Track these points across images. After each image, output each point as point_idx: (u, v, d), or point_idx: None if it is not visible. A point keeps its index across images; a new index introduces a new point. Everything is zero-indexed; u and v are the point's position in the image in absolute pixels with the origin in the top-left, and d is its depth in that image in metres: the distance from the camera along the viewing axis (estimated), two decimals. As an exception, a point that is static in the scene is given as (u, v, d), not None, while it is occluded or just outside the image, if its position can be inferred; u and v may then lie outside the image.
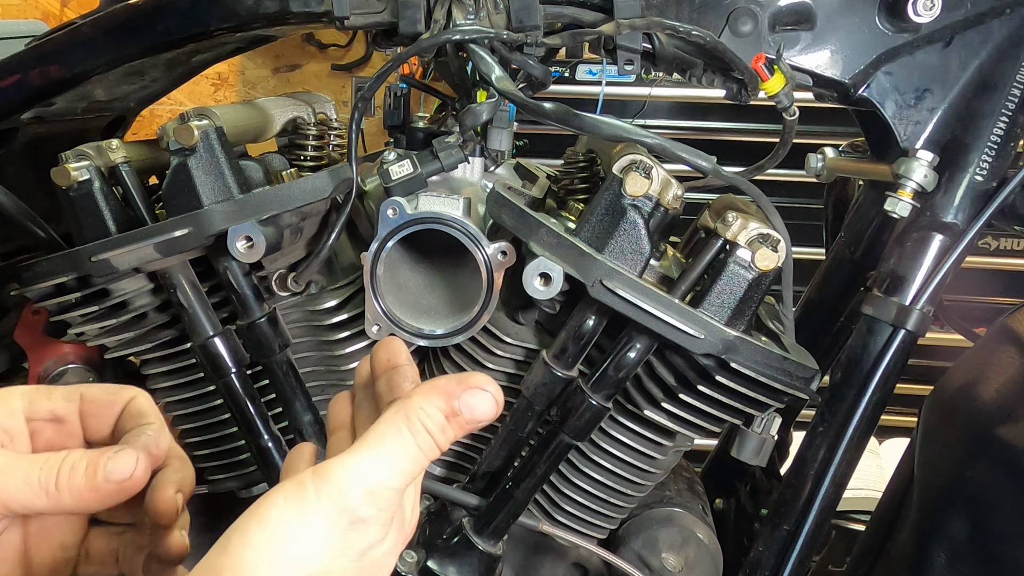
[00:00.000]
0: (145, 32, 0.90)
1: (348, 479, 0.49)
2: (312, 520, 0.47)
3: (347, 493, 0.48)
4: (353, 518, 0.48)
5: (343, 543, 0.48)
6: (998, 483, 0.82)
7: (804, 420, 1.02)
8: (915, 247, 0.88)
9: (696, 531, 1.01)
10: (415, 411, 0.51)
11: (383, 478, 0.49)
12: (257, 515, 0.47)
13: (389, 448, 0.50)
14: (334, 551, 0.48)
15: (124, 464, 0.55)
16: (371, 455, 0.50)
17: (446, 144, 0.88)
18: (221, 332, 0.88)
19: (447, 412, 0.52)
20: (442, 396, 0.52)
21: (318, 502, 0.48)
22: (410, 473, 0.51)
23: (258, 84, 3.26)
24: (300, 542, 0.47)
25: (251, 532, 0.47)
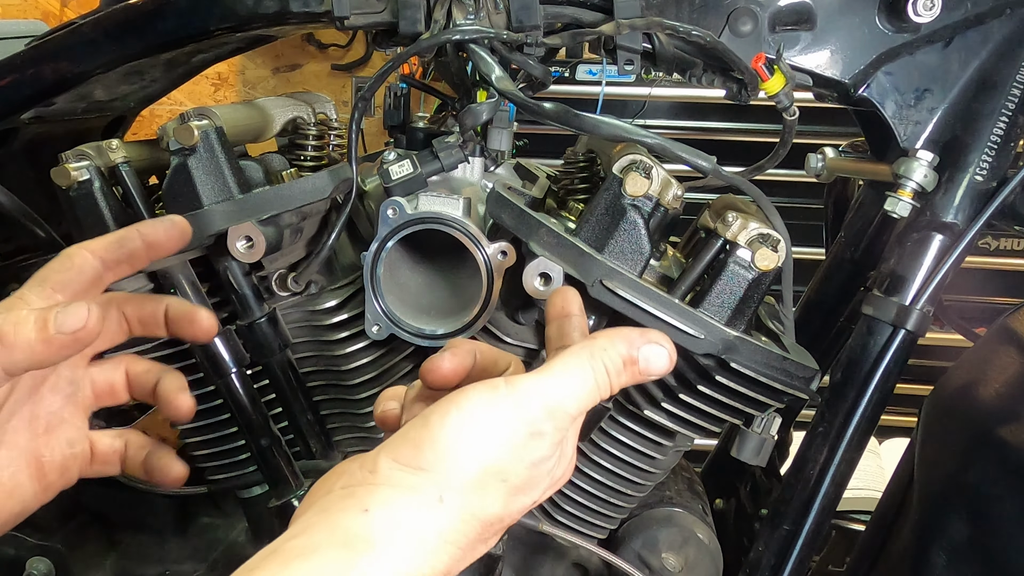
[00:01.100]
0: (145, 32, 0.90)
1: (535, 394, 0.54)
2: (500, 420, 0.53)
3: (531, 406, 0.54)
4: (533, 429, 0.54)
5: (521, 448, 0.54)
6: (998, 483, 0.82)
7: (804, 420, 1.02)
8: (915, 247, 0.88)
9: (696, 531, 1.01)
10: (599, 350, 0.56)
11: (563, 401, 0.55)
12: (456, 402, 0.54)
13: (571, 377, 0.55)
14: (512, 452, 0.53)
15: (75, 315, 0.59)
16: (556, 379, 0.55)
17: (446, 144, 0.88)
18: (221, 332, 0.88)
19: (627, 358, 0.57)
20: (625, 342, 0.57)
21: (507, 406, 0.53)
22: (585, 403, 0.56)
23: (258, 84, 3.26)
24: (487, 434, 0.53)
25: (450, 415, 0.53)
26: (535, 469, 0.55)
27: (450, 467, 0.52)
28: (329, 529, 0.49)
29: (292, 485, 0.91)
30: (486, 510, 0.53)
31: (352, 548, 0.48)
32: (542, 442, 0.54)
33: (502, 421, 0.53)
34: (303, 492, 0.91)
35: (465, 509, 0.52)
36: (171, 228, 0.69)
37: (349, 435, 1.01)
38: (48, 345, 0.58)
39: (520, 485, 0.54)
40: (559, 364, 0.56)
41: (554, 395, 0.55)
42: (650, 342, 0.58)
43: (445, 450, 0.52)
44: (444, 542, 0.51)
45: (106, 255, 0.66)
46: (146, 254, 0.68)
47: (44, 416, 0.67)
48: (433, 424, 0.53)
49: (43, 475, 0.67)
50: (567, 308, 0.65)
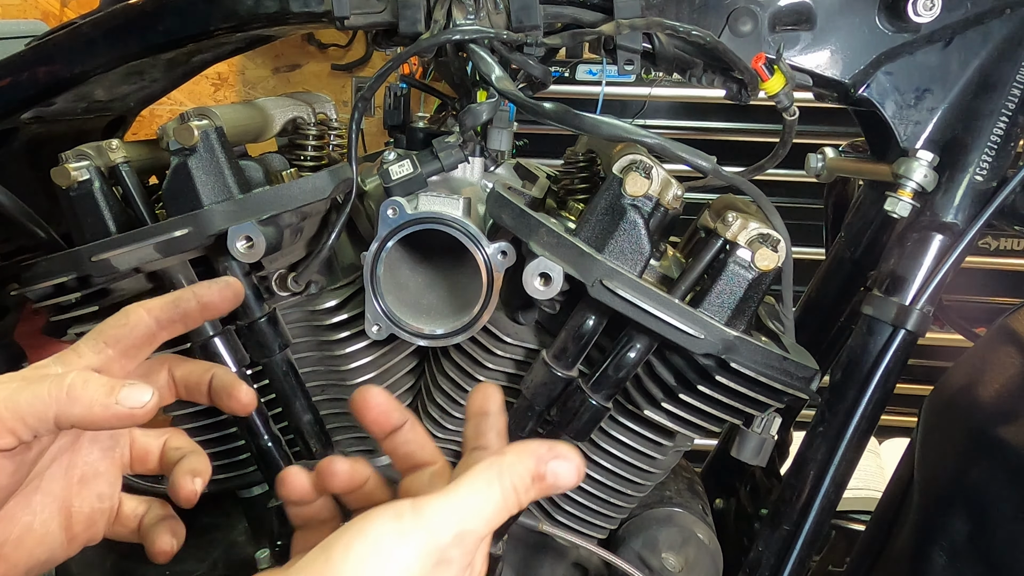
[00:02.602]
0: (145, 32, 0.90)
1: (443, 519, 0.52)
2: (406, 548, 0.51)
3: (440, 532, 0.52)
4: (441, 556, 0.52)
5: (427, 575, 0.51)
6: (998, 483, 0.82)
7: (804, 420, 1.02)
8: (915, 247, 0.88)
9: (696, 531, 1.01)
10: (507, 467, 0.55)
11: (472, 525, 0.53)
12: (359, 529, 0.51)
13: (480, 498, 0.54)
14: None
15: (140, 396, 0.61)
16: (464, 501, 0.53)
17: (446, 144, 0.88)
18: (221, 332, 0.88)
19: (534, 475, 0.56)
20: (533, 458, 0.56)
21: (414, 533, 0.51)
22: (494, 524, 0.54)
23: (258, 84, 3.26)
24: (392, 564, 0.50)
25: (353, 544, 0.51)
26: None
27: None
28: None
29: (292, 485, 0.91)
30: None
31: None
32: (449, 568, 0.53)
33: (408, 550, 0.51)
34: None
35: None
36: (225, 289, 0.71)
37: (349, 435, 1.01)
38: (106, 411, 0.60)
39: None
40: (467, 484, 0.54)
41: (463, 520, 0.53)
42: (557, 457, 0.56)
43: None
44: None
45: (162, 315, 0.68)
46: (200, 315, 0.70)
47: (80, 466, 0.69)
48: (335, 558, 0.51)
49: (71, 525, 0.68)
50: (485, 406, 0.65)
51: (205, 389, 0.72)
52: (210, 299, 0.70)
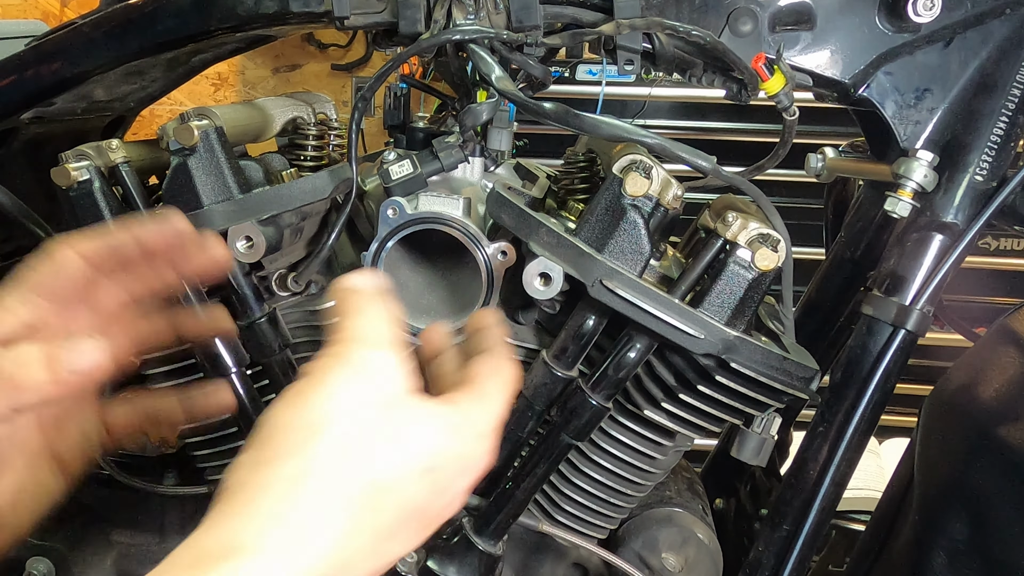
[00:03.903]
0: (145, 32, 0.90)
1: (341, 345, 0.54)
2: (324, 386, 0.51)
3: (346, 353, 0.53)
4: (360, 369, 0.52)
5: (361, 396, 0.51)
6: (998, 483, 0.82)
7: (804, 420, 1.02)
8: (915, 247, 0.88)
9: (696, 531, 1.01)
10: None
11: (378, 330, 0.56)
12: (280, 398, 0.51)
13: (356, 319, 0.57)
14: (354, 405, 0.50)
15: (86, 355, 0.57)
16: (346, 327, 0.56)
17: (446, 144, 0.88)
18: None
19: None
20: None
21: (324, 371, 0.52)
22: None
23: (258, 84, 3.26)
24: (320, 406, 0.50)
25: (277, 406, 0.51)
26: (391, 412, 0.52)
27: (292, 447, 0.49)
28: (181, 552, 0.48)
29: (292, 485, 0.91)
30: (358, 475, 0.49)
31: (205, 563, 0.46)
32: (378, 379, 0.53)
33: (324, 387, 0.52)
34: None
35: (334, 481, 0.48)
36: (166, 227, 0.64)
37: (349, 435, 1.01)
38: (60, 385, 0.57)
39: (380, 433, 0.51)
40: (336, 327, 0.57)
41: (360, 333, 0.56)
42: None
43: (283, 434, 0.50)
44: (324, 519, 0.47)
45: (92, 254, 0.62)
46: (142, 256, 0.64)
47: (52, 417, 0.66)
48: (262, 421, 0.51)
49: (64, 466, 0.67)
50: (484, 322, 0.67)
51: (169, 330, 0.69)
52: (148, 237, 0.64)
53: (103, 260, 0.63)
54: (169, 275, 0.67)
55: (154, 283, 0.67)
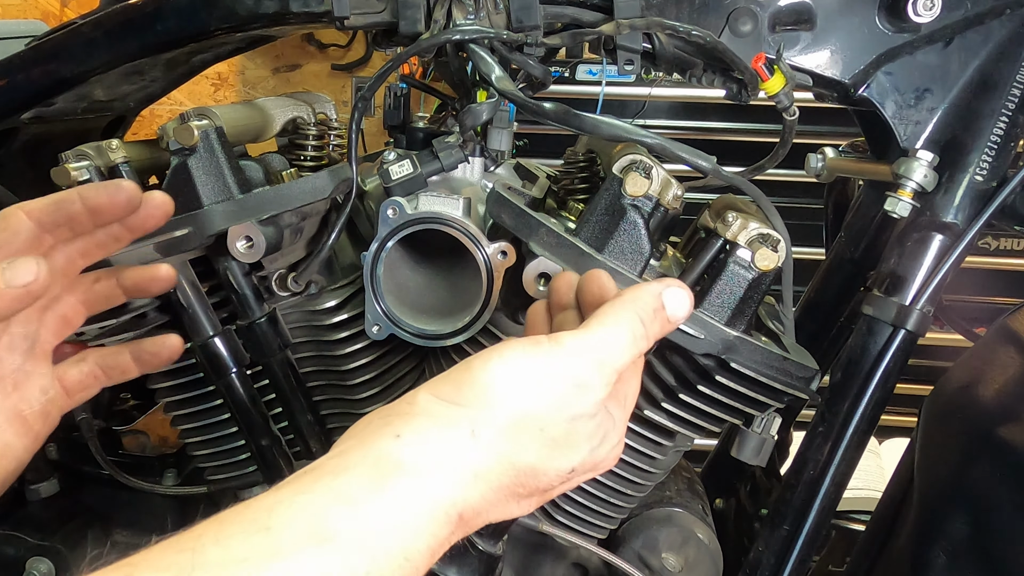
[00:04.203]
0: (145, 32, 0.90)
1: (580, 347, 0.55)
2: (544, 370, 0.54)
3: (577, 358, 0.54)
4: (578, 380, 0.54)
5: (561, 399, 0.54)
6: (998, 483, 0.82)
7: (804, 420, 1.02)
8: (915, 247, 0.88)
9: (696, 531, 1.01)
10: (631, 303, 0.58)
11: (608, 353, 0.56)
12: (499, 350, 0.54)
13: (613, 331, 0.56)
14: (551, 403, 0.53)
15: (25, 269, 0.60)
16: (598, 333, 0.56)
17: (446, 144, 0.88)
18: (221, 332, 0.88)
19: (655, 306, 0.59)
20: (649, 292, 0.59)
21: (552, 358, 0.54)
22: (629, 355, 0.57)
23: (258, 84, 3.26)
24: (529, 382, 0.53)
25: (492, 359, 0.54)
26: (575, 425, 0.55)
27: (487, 405, 0.52)
28: (362, 452, 0.50)
29: (292, 485, 0.91)
30: (520, 456, 0.53)
31: (380, 469, 0.49)
32: (587, 396, 0.54)
33: (546, 371, 0.54)
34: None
35: (498, 449, 0.52)
36: (116, 193, 0.66)
37: (349, 435, 1.01)
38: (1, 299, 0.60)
39: (557, 439, 0.54)
40: (598, 321, 0.56)
41: (601, 349, 0.55)
42: (669, 286, 0.59)
43: (484, 390, 0.53)
44: (475, 477, 0.51)
45: (43, 217, 0.65)
46: (89, 219, 0.67)
47: (9, 376, 0.69)
48: (475, 367, 0.54)
49: (28, 427, 0.70)
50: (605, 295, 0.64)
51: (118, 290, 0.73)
52: (98, 202, 0.66)
53: (51, 220, 0.66)
54: (121, 235, 0.70)
55: (105, 243, 0.70)
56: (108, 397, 1.16)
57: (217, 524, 0.46)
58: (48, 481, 1.15)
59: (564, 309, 0.66)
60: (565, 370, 0.54)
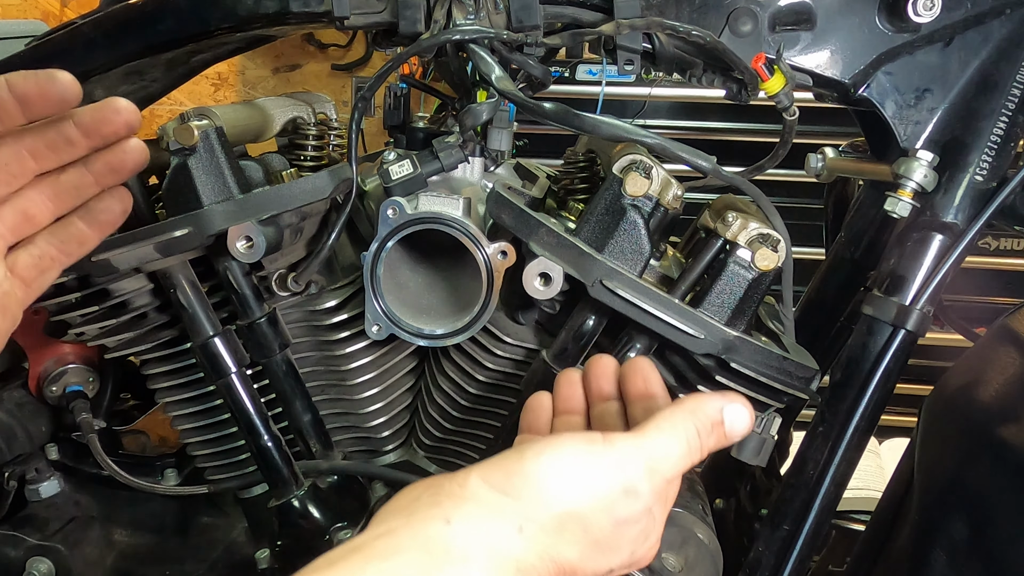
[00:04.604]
0: (145, 32, 0.90)
1: (633, 452, 0.55)
2: (595, 470, 0.53)
3: (629, 464, 0.54)
4: (628, 486, 0.54)
5: (609, 502, 0.54)
6: (998, 483, 0.82)
7: (804, 420, 1.02)
8: (915, 247, 0.88)
9: (696, 531, 1.01)
10: (691, 415, 0.57)
11: (660, 462, 0.55)
12: (553, 444, 0.54)
13: (668, 439, 0.56)
14: (599, 505, 0.53)
15: None
16: (654, 440, 0.56)
17: (446, 144, 0.88)
18: (221, 332, 0.88)
19: (715, 421, 0.58)
20: (712, 405, 0.58)
21: (605, 460, 0.54)
22: (681, 467, 0.57)
23: (258, 84, 3.26)
24: (579, 480, 0.53)
25: (545, 452, 0.53)
26: (619, 528, 0.54)
27: (535, 499, 0.52)
28: (411, 534, 0.50)
29: (292, 485, 0.91)
30: (562, 554, 0.53)
31: (432, 555, 0.49)
32: (635, 502, 0.54)
33: (597, 472, 0.54)
34: (303, 492, 0.91)
35: (542, 546, 0.52)
36: (48, 83, 0.63)
37: (349, 435, 1.01)
38: None
39: (600, 540, 0.54)
40: (655, 426, 0.56)
41: (654, 455, 0.55)
42: (732, 402, 0.58)
43: (535, 483, 0.53)
44: (519, 572, 0.51)
45: None
46: (17, 109, 0.63)
47: None
48: (527, 456, 0.54)
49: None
50: (650, 389, 0.66)
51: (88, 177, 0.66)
52: (25, 90, 0.63)
53: None
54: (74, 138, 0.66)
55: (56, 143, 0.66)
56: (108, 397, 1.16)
57: None
58: (48, 481, 1.15)
59: (605, 400, 0.66)
60: (616, 474, 0.54)
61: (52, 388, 1.10)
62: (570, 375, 0.69)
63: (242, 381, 0.89)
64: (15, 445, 1.11)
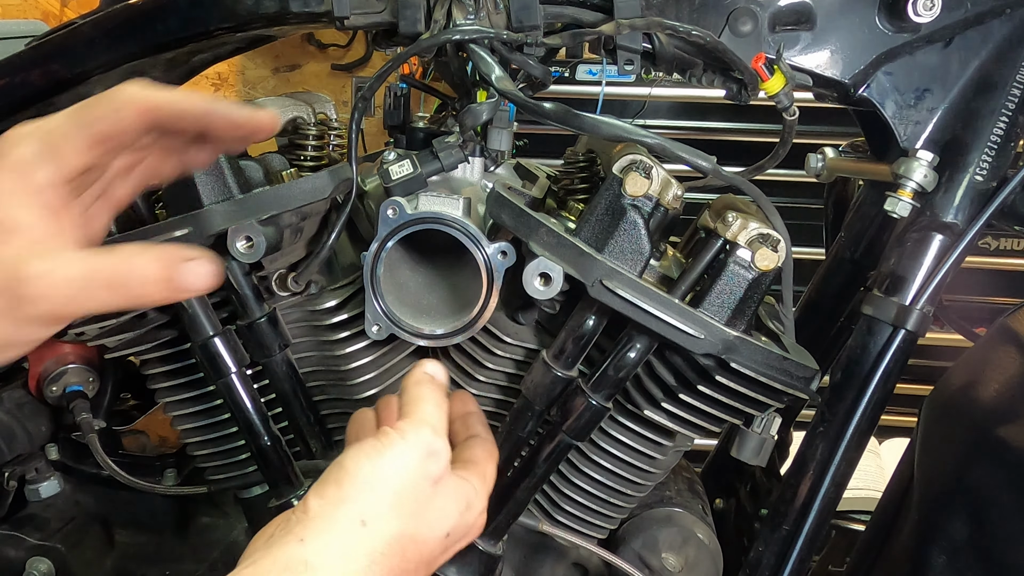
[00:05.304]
0: (145, 32, 0.90)
1: (418, 424, 0.66)
2: (397, 449, 0.64)
3: (419, 433, 0.65)
4: (428, 449, 0.65)
5: (421, 469, 0.64)
6: (998, 483, 0.82)
7: (804, 420, 1.02)
8: (915, 247, 0.88)
9: (696, 531, 1.01)
10: (416, 383, 0.71)
11: (437, 419, 0.68)
12: (359, 447, 0.64)
13: (425, 405, 0.69)
14: (416, 474, 0.64)
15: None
16: (420, 411, 0.68)
17: (446, 144, 0.88)
18: (221, 332, 0.88)
19: (419, 377, 0.72)
20: (416, 369, 0.74)
21: (401, 440, 0.64)
22: (443, 412, 0.70)
23: (258, 84, 3.26)
24: (389, 463, 0.63)
25: (360, 456, 0.63)
26: (440, 489, 0.66)
27: (365, 493, 0.61)
28: (272, 560, 0.57)
29: (292, 485, 0.91)
30: (402, 530, 0.62)
31: (293, 571, 0.56)
32: (439, 459, 0.66)
33: (400, 451, 0.64)
34: (303, 492, 0.91)
35: (385, 531, 0.61)
36: (257, 117, 0.63)
37: (349, 435, 1.01)
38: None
39: (431, 505, 0.65)
40: (409, 405, 0.69)
41: (429, 423, 0.67)
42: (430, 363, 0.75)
43: (358, 480, 0.62)
44: (372, 563, 0.60)
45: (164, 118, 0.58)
46: (196, 132, 0.62)
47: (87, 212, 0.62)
48: (346, 463, 0.63)
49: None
50: (468, 407, 0.80)
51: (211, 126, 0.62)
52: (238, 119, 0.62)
53: (171, 122, 0.60)
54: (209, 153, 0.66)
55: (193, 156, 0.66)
56: (108, 397, 1.16)
57: None
58: (48, 481, 1.15)
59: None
60: (414, 445, 0.64)
61: (52, 388, 1.10)
62: (388, 400, 0.77)
63: (242, 381, 0.89)
64: (15, 445, 1.11)
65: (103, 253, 0.55)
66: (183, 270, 0.56)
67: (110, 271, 0.54)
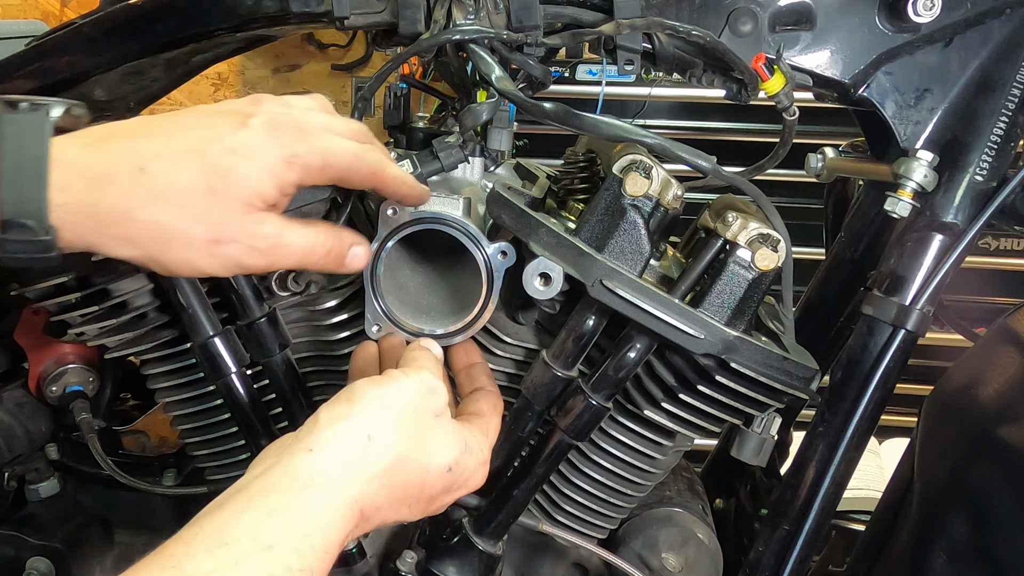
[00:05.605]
0: (145, 32, 0.90)
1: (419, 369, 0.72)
2: (404, 383, 0.69)
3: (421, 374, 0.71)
4: (428, 387, 0.71)
5: (423, 403, 0.69)
6: (998, 483, 0.82)
7: (804, 420, 1.02)
8: (915, 247, 0.88)
9: (696, 531, 1.01)
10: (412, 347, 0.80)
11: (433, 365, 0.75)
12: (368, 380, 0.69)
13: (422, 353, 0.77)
14: (418, 406, 0.69)
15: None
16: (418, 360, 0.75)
17: (446, 144, 0.88)
18: (221, 332, 0.88)
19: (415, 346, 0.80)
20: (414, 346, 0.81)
21: (406, 377, 0.70)
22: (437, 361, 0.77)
23: (258, 84, 3.26)
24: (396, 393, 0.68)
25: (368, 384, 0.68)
26: (439, 421, 0.70)
27: (374, 411, 0.66)
28: (283, 468, 0.61)
29: (292, 485, 0.90)
30: (405, 453, 0.66)
31: (300, 482, 0.60)
32: (439, 396, 0.71)
33: (405, 385, 0.69)
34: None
35: (391, 447, 0.65)
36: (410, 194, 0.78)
37: (349, 435, 1.01)
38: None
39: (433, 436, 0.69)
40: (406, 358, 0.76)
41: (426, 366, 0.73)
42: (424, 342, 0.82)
43: (368, 399, 0.67)
44: (374, 477, 0.64)
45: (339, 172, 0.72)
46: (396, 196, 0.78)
47: None
48: (357, 387, 0.68)
49: None
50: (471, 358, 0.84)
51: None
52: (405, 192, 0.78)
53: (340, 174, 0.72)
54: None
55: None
56: (108, 397, 1.16)
57: (184, 544, 0.56)
58: (48, 481, 1.15)
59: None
60: (417, 382, 0.70)
61: (52, 388, 1.10)
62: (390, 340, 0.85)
63: (242, 381, 0.89)
64: (15, 445, 1.11)
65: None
66: (352, 254, 0.75)
67: (325, 229, 0.74)
